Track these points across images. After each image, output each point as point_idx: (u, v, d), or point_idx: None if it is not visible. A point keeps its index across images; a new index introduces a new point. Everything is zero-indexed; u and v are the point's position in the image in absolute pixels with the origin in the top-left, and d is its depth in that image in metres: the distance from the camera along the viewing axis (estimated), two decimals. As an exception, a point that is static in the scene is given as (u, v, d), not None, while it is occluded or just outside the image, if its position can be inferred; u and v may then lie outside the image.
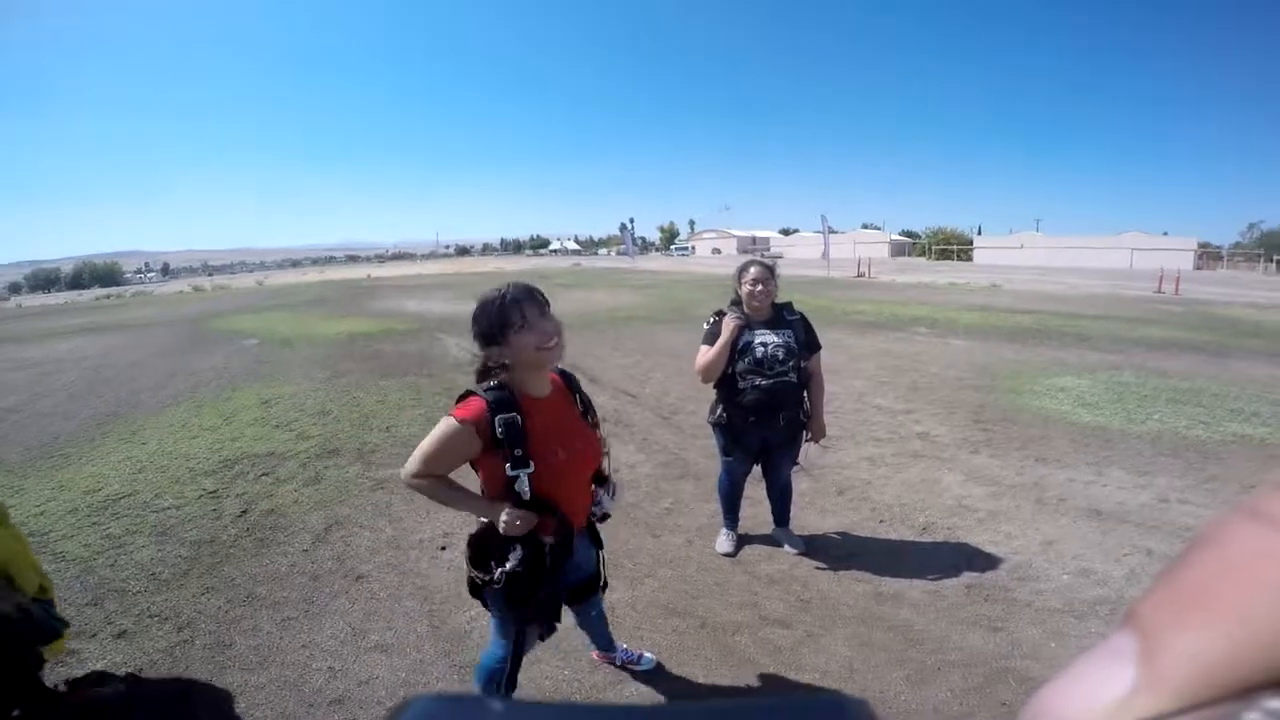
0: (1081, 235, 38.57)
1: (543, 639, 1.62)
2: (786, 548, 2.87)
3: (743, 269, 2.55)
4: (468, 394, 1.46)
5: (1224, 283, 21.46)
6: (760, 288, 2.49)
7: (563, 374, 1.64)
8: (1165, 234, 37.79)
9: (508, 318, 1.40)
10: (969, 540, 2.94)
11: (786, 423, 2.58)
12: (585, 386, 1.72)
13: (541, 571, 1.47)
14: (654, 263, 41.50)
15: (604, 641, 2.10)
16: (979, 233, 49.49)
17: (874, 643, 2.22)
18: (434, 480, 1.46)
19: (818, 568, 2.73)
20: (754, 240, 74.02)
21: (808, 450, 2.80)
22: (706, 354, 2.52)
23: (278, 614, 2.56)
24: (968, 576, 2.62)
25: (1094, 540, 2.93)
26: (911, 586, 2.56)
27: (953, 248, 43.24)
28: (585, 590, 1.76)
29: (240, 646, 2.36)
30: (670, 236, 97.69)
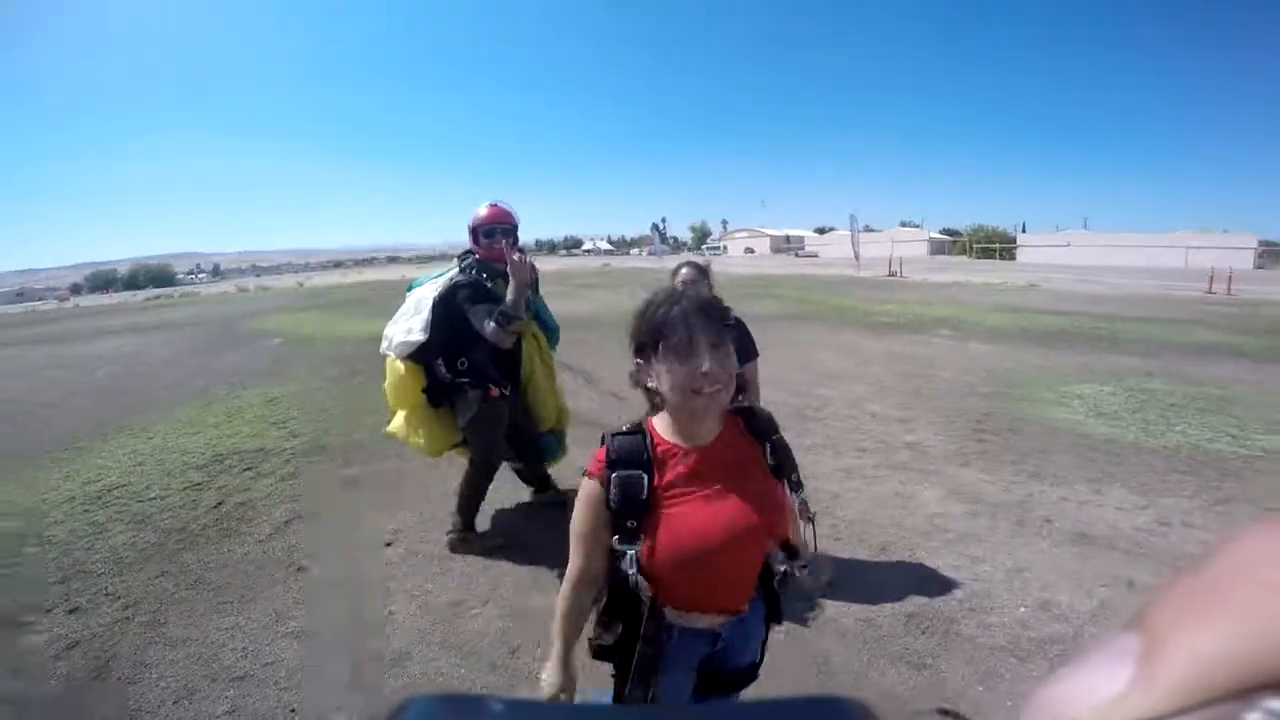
0: (1133, 233, 36.38)
1: None
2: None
3: (675, 271, 2.46)
4: (604, 438, 1.12)
5: (1288, 283, 19.99)
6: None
7: (748, 411, 1.19)
8: (1225, 231, 35.36)
9: (659, 331, 1.04)
10: (929, 563, 2.74)
11: None
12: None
13: (631, 658, 1.10)
14: (684, 262, 41.14)
15: None
16: (1022, 230, 47.38)
17: (780, 674, 2.00)
18: (581, 583, 1.10)
19: (751, 586, 2.59)
20: (788, 239, 72.96)
21: None
22: None
23: (216, 598, 2.65)
24: (912, 604, 2.43)
25: (1070, 569, 2.69)
26: (846, 613, 2.38)
27: (995, 246, 41.59)
28: (739, 682, 1.25)
29: (171, 625, 2.46)
30: (702, 236, 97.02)
